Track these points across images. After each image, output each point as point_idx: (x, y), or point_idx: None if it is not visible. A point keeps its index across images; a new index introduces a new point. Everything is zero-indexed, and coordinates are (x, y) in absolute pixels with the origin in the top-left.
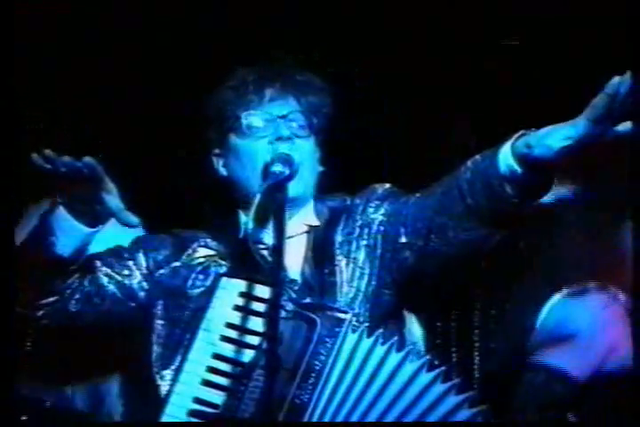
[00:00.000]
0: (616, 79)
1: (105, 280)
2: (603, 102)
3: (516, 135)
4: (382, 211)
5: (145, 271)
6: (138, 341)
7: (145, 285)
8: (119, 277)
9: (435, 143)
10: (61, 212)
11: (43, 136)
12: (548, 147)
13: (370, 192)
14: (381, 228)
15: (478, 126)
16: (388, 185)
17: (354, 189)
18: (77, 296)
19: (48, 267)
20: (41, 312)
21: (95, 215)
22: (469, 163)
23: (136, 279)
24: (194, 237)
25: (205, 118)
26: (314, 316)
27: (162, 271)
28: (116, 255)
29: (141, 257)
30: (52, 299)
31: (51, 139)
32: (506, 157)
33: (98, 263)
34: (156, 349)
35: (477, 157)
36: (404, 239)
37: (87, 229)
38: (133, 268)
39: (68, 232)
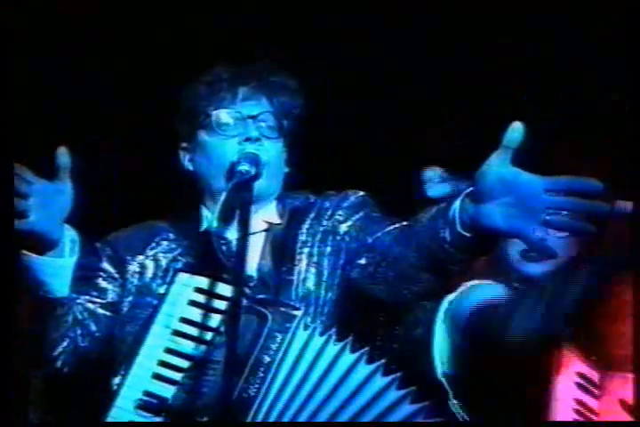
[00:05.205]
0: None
1: (91, 306)
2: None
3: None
4: (350, 223)
5: (116, 276)
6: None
7: (120, 290)
8: (99, 300)
9: (405, 149)
10: (33, 259)
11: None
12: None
13: (342, 198)
14: (346, 238)
15: (450, 132)
16: (361, 193)
17: (319, 191)
18: (80, 331)
19: (52, 314)
20: (59, 362)
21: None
22: (424, 221)
23: (113, 291)
24: (156, 229)
25: (176, 111)
26: (265, 310)
27: (130, 268)
28: (81, 279)
29: (105, 265)
30: (64, 344)
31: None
32: (454, 225)
33: (74, 295)
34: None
35: (429, 217)
36: (363, 261)
37: (68, 260)
38: (103, 283)
39: (54, 272)
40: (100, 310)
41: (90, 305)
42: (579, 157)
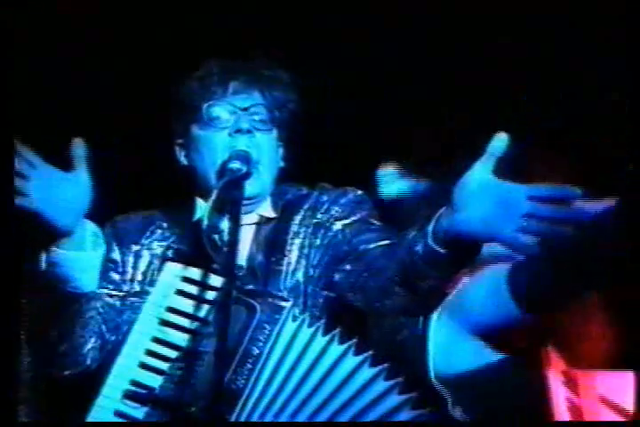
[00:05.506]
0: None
1: (111, 300)
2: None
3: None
4: (347, 222)
5: (120, 267)
6: None
7: (123, 278)
8: (115, 292)
9: (405, 149)
10: (61, 255)
11: None
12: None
13: (340, 194)
14: (339, 236)
15: (441, 131)
16: (360, 191)
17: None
18: (104, 328)
19: (76, 311)
20: (89, 359)
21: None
22: (409, 236)
23: (126, 283)
24: (150, 218)
25: (173, 109)
26: (254, 302)
27: (128, 257)
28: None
29: (116, 254)
30: (93, 339)
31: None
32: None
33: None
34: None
35: (409, 238)
36: (348, 267)
37: (92, 253)
38: (115, 276)
39: (81, 266)
40: (118, 303)
41: (109, 299)
42: (578, 157)
